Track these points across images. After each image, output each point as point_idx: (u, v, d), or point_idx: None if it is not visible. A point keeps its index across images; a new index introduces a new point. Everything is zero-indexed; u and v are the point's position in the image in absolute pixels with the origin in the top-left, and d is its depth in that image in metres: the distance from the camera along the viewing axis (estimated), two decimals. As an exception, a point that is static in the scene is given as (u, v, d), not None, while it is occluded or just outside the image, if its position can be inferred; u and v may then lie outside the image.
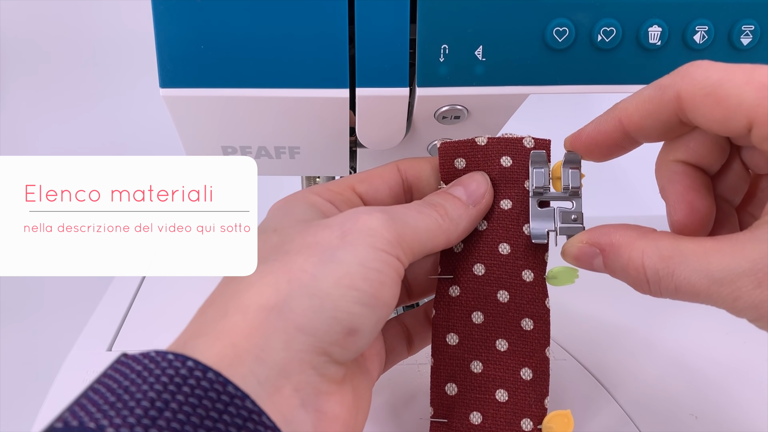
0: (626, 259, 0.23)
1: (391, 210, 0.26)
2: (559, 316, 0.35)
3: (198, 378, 0.19)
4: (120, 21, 0.94)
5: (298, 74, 0.27)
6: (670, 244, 0.22)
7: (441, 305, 0.29)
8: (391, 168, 0.30)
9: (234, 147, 0.33)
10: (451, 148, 0.29)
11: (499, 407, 0.28)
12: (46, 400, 0.35)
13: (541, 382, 0.28)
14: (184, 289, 0.45)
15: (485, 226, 0.29)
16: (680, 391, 0.36)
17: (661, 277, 0.22)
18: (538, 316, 0.28)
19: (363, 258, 0.23)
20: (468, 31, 0.27)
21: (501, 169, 0.29)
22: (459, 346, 0.29)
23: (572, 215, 0.27)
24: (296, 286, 0.22)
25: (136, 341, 0.40)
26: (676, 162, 0.25)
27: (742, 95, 0.21)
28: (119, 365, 0.20)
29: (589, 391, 0.36)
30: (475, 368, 0.28)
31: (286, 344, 0.21)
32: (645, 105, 0.24)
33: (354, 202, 0.29)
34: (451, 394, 0.28)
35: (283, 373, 0.21)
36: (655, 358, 0.39)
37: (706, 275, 0.21)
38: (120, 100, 0.95)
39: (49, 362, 0.40)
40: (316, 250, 0.23)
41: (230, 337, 0.21)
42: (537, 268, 0.28)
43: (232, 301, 0.23)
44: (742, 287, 0.20)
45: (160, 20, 0.26)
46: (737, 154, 0.25)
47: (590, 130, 0.26)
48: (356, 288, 0.23)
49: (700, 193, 0.25)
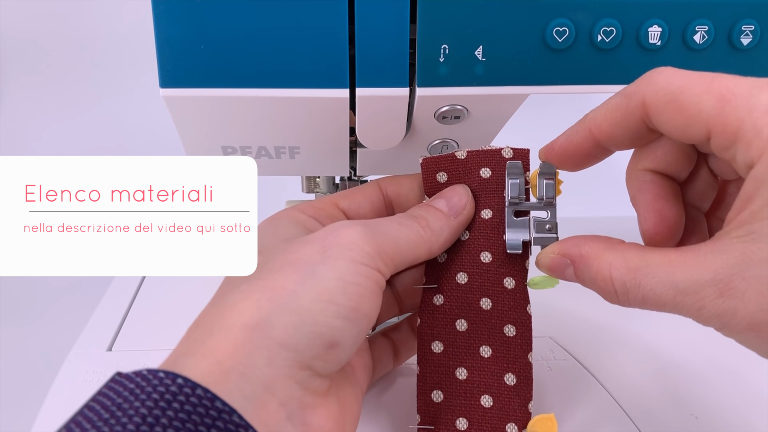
0: (595, 271, 0.24)
1: (371, 223, 0.26)
2: (559, 316, 0.35)
3: (187, 394, 0.20)
4: (120, 21, 0.94)
5: (298, 74, 0.27)
6: (637, 256, 0.23)
7: (425, 314, 0.29)
8: (372, 185, 0.31)
9: (234, 147, 0.33)
10: (433, 162, 0.30)
11: (485, 413, 0.28)
12: (46, 400, 0.35)
13: (524, 387, 0.28)
14: (184, 289, 0.45)
15: (467, 236, 0.29)
16: (680, 391, 0.36)
17: (628, 289, 0.22)
18: (520, 322, 0.29)
19: (342, 272, 0.24)
20: (468, 31, 0.27)
21: (481, 180, 0.29)
22: (444, 354, 0.29)
23: (546, 225, 0.28)
24: (277, 304, 0.23)
25: (136, 341, 0.40)
26: (645, 171, 0.26)
27: (701, 104, 0.21)
28: (113, 383, 0.21)
29: (588, 391, 0.36)
30: (460, 375, 0.29)
31: (269, 360, 0.22)
32: (612, 113, 0.24)
33: (337, 217, 0.30)
34: (437, 401, 0.29)
35: (268, 389, 0.22)
36: (655, 358, 0.39)
37: (671, 286, 0.21)
38: (120, 100, 0.95)
39: (49, 362, 0.40)
40: (297, 267, 0.24)
41: (216, 356, 0.22)
42: (518, 275, 0.29)
43: (217, 321, 0.23)
44: (705, 297, 0.20)
45: (160, 20, 0.26)
46: (704, 161, 0.26)
47: (562, 141, 0.26)
48: (335, 302, 0.23)
49: (669, 201, 0.25)
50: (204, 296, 0.26)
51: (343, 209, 0.30)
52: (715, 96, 0.21)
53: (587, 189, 0.28)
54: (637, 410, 0.34)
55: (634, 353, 0.39)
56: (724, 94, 0.21)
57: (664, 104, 0.22)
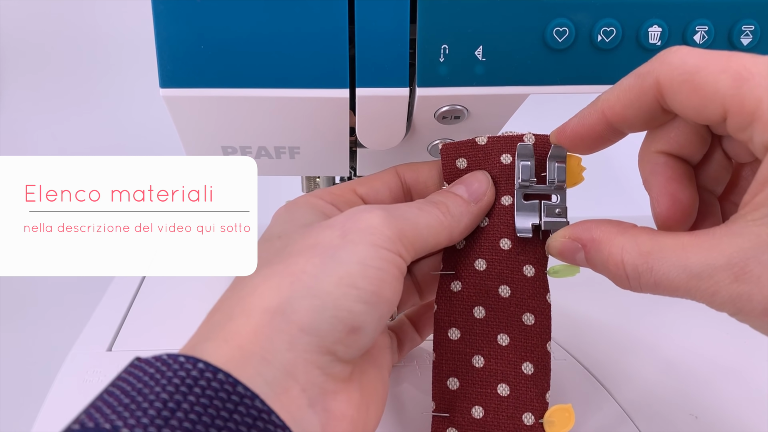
0: (606, 255, 0.23)
1: (391, 207, 0.26)
2: (559, 316, 0.35)
3: (208, 379, 0.20)
4: (120, 21, 0.94)
5: (298, 74, 0.27)
6: (649, 240, 0.22)
7: (443, 300, 0.29)
8: (390, 171, 0.31)
9: (234, 147, 0.33)
10: (453, 148, 0.29)
11: (501, 401, 0.28)
12: (46, 400, 0.35)
13: (542, 377, 0.28)
14: (184, 289, 0.45)
15: (487, 222, 0.29)
16: (680, 391, 0.36)
17: (640, 273, 0.22)
18: (539, 310, 0.28)
19: (363, 256, 0.23)
20: (468, 31, 0.27)
21: (501, 166, 0.29)
22: (461, 341, 0.29)
23: (556, 209, 0.27)
24: (298, 288, 0.22)
25: (136, 341, 0.40)
26: (658, 153, 0.25)
27: (717, 83, 0.20)
28: (133, 368, 0.21)
29: (588, 391, 0.36)
30: (476, 363, 0.29)
31: (290, 345, 0.22)
32: (626, 94, 0.23)
33: (355, 203, 0.29)
34: (453, 389, 0.29)
35: (290, 374, 0.22)
36: (655, 357, 0.39)
37: (684, 270, 0.21)
38: (120, 100, 0.95)
39: (49, 362, 0.40)
40: (318, 251, 0.23)
41: (236, 340, 0.22)
42: (538, 263, 0.28)
43: (237, 305, 0.23)
44: (720, 282, 0.20)
45: (160, 20, 0.26)
46: (719, 143, 0.25)
47: (574, 123, 0.26)
48: (356, 286, 0.23)
49: (683, 184, 0.25)
50: (204, 296, 0.26)
51: (361, 195, 0.30)
52: (732, 75, 0.20)
53: (587, 189, 0.28)
54: (637, 410, 0.34)
55: (634, 353, 0.39)
56: (741, 72, 0.20)
57: (678, 84, 0.21)
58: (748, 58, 0.20)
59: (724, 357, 0.38)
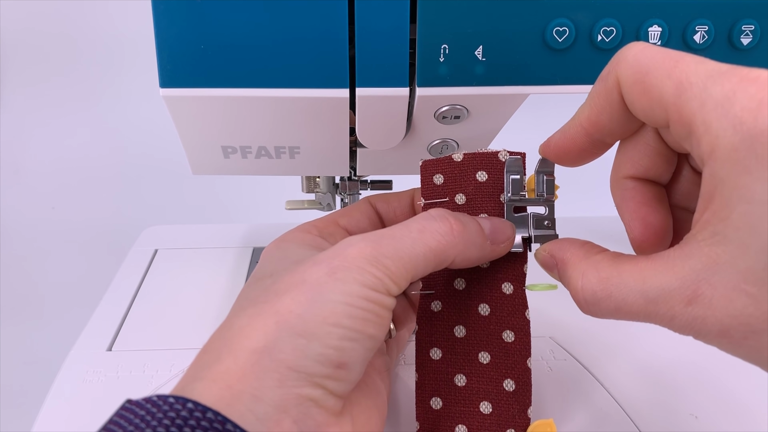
0: (568, 278, 0.23)
1: (384, 237, 0.25)
2: (559, 316, 0.35)
3: (198, 418, 0.20)
4: (120, 21, 0.95)
5: (298, 74, 0.27)
6: (609, 266, 0.22)
7: (423, 321, 0.29)
8: (363, 202, 0.33)
9: (234, 147, 0.33)
10: (431, 165, 0.30)
11: (484, 419, 0.28)
12: (46, 400, 0.35)
13: (523, 393, 0.28)
14: (184, 290, 0.45)
15: None
16: (680, 391, 0.36)
17: (599, 299, 0.22)
18: (518, 327, 0.29)
19: (348, 295, 0.23)
20: (468, 31, 0.27)
21: (477, 183, 0.29)
22: (442, 361, 0.29)
23: (545, 221, 0.28)
24: (283, 328, 0.23)
25: (136, 341, 0.40)
26: (626, 179, 0.25)
27: (663, 88, 0.20)
28: (124, 411, 0.21)
29: (588, 391, 0.36)
30: (458, 381, 0.29)
31: (279, 382, 0.22)
32: (595, 101, 0.23)
33: (340, 234, 0.30)
34: (436, 408, 0.29)
35: (281, 408, 0.22)
36: (655, 358, 0.39)
37: (641, 295, 0.20)
38: (120, 100, 0.95)
39: (49, 362, 0.40)
40: (304, 289, 0.24)
41: (225, 380, 0.22)
42: (516, 280, 0.29)
43: (225, 346, 0.23)
44: (675, 306, 0.19)
45: (160, 20, 0.26)
46: (686, 160, 0.25)
47: (557, 137, 0.25)
48: (341, 325, 0.23)
49: (652, 207, 0.24)
50: (204, 296, 0.26)
51: (344, 227, 0.31)
52: (675, 82, 0.19)
53: (587, 189, 0.28)
54: (638, 410, 0.34)
55: (634, 353, 0.39)
56: (682, 81, 0.19)
57: (631, 84, 0.21)
58: (694, 64, 0.19)
59: (724, 356, 0.38)
